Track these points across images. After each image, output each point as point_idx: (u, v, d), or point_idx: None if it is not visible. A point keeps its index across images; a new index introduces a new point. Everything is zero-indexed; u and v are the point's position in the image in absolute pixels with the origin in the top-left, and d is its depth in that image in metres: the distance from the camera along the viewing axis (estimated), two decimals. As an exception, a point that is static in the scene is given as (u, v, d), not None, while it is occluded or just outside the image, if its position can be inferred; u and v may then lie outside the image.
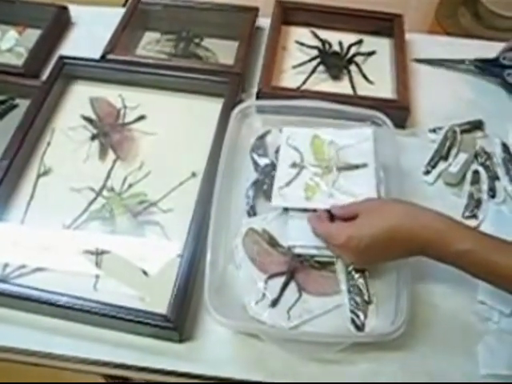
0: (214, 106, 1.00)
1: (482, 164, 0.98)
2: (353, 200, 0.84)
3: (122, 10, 1.19)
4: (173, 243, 0.86)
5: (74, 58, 1.07)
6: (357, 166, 0.90)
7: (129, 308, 0.77)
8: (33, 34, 1.16)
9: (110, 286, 0.82)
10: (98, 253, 0.85)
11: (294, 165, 0.90)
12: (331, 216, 0.82)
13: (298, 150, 0.92)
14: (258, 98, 1.04)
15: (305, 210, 0.85)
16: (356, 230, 0.76)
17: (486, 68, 1.13)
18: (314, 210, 0.85)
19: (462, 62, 1.15)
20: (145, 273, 0.83)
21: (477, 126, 1.04)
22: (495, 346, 0.79)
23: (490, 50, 1.16)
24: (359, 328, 0.78)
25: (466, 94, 1.11)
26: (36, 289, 0.79)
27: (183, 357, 0.78)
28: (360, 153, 0.92)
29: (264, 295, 0.80)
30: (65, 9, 1.21)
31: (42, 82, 1.04)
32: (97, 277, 0.83)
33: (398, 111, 1.01)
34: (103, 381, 1.14)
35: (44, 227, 0.89)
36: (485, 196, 0.94)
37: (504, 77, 1.11)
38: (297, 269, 0.82)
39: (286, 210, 0.87)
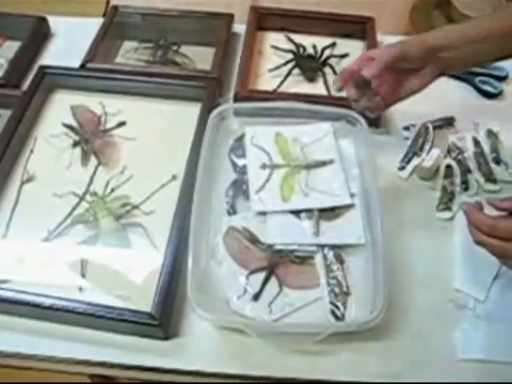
0: (193, 111, 1.03)
1: (455, 158, 1.01)
2: (328, 197, 0.87)
3: (100, 20, 1.21)
4: (156, 244, 0.88)
5: (55, 68, 1.09)
6: (324, 163, 0.93)
7: (114, 307, 0.78)
8: (13, 46, 1.18)
9: (94, 287, 0.83)
10: (83, 260, 0.86)
11: (263, 166, 0.93)
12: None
13: (264, 149, 0.95)
14: (235, 101, 1.06)
15: (282, 207, 0.89)
16: None
17: (458, 75, 1.17)
18: (293, 212, 0.88)
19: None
20: (129, 274, 0.85)
21: (448, 122, 1.07)
22: (471, 332, 0.81)
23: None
24: (339, 319, 0.80)
25: (437, 92, 1.12)
26: (20, 291, 0.80)
27: (169, 353, 0.79)
28: (324, 148, 0.95)
29: (246, 290, 0.82)
30: (44, 20, 1.23)
31: (23, 91, 1.06)
32: (82, 282, 0.84)
33: (371, 110, 1.04)
34: (89, 381, 1.15)
35: (28, 233, 0.90)
36: (458, 189, 0.97)
37: (476, 83, 1.15)
38: (277, 264, 0.84)
39: (264, 207, 0.90)
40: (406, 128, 1.06)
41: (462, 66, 0.91)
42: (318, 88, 1.12)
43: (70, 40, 1.22)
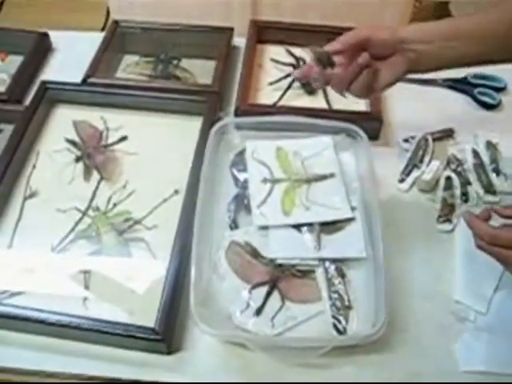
0: (194, 125, 1.04)
1: (454, 170, 1.02)
2: (328, 210, 0.87)
3: (101, 35, 1.22)
4: (158, 258, 0.89)
5: (56, 83, 1.10)
6: (325, 177, 0.94)
7: (117, 323, 0.79)
8: (15, 61, 1.19)
9: (98, 303, 0.84)
10: (86, 273, 0.87)
11: (264, 180, 0.94)
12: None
13: (265, 163, 0.96)
14: (235, 115, 1.07)
15: (284, 221, 0.90)
16: None
17: (457, 86, 1.18)
18: (295, 226, 0.89)
19: (434, 81, 1.19)
20: (132, 289, 0.85)
21: (448, 134, 1.08)
22: (473, 344, 0.82)
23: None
24: (341, 332, 0.80)
25: (436, 104, 1.14)
26: (25, 308, 0.80)
27: (172, 368, 0.80)
28: (324, 162, 0.96)
29: (248, 304, 0.82)
30: (45, 35, 1.24)
31: (26, 106, 1.07)
32: (85, 296, 0.85)
33: (371, 123, 1.05)
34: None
35: (32, 249, 0.91)
36: (458, 201, 0.98)
37: (475, 95, 1.16)
38: (279, 278, 0.85)
39: (266, 221, 0.90)
40: (406, 140, 1.07)
41: (434, 64, 0.88)
42: (318, 101, 1.13)
43: (72, 54, 1.23)
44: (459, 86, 1.18)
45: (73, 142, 1.05)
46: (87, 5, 2.25)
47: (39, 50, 1.22)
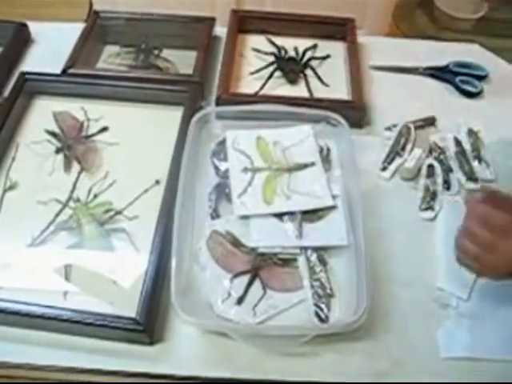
0: (175, 115, 1.03)
1: (436, 158, 1.02)
2: (310, 199, 0.88)
3: (81, 26, 1.20)
4: (139, 249, 0.88)
5: (36, 74, 1.09)
6: (305, 165, 0.94)
7: (98, 313, 0.78)
8: (-7, 52, 1.17)
9: (79, 296, 0.83)
10: (67, 266, 0.86)
11: (245, 169, 0.94)
12: None
13: (245, 153, 0.96)
14: (217, 104, 1.07)
15: (265, 210, 0.89)
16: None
17: (439, 75, 1.18)
18: (276, 214, 0.89)
19: (416, 69, 1.19)
20: (114, 280, 0.85)
21: (430, 122, 1.08)
22: (454, 331, 0.82)
23: (445, 50, 1.23)
24: (323, 320, 0.80)
25: (418, 93, 1.15)
26: (4, 300, 0.79)
27: (154, 358, 0.79)
28: (305, 151, 0.96)
29: (230, 294, 0.82)
30: (24, 26, 1.23)
31: (4, 98, 1.06)
32: (66, 289, 0.84)
33: (353, 111, 1.05)
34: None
35: (12, 242, 0.90)
36: (440, 188, 0.98)
37: (456, 83, 1.16)
38: (261, 267, 0.85)
39: (247, 210, 0.90)
40: (388, 128, 1.07)
41: None
42: (299, 90, 1.12)
43: (51, 45, 1.21)
44: (441, 74, 1.18)
45: (53, 134, 1.03)
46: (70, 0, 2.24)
47: (18, 40, 1.20)
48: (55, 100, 1.09)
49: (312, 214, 0.89)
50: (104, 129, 1.04)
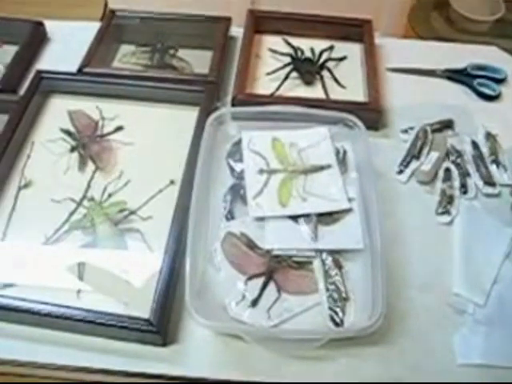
0: (190, 115, 1.02)
1: (453, 162, 1.01)
2: (326, 202, 0.87)
3: (97, 25, 1.20)
4: (153, 249, 0.87)
5: (51, 72, 1.09)
6: (322, 168, 0.93)
7: (112, 314, 0.78)
8: (10, 50, 1.17)
9: (92, 295, 0.83)
10: (80, 265, 0.86)
11: (261, 171, 0.93)
12: None
13: (261, 154, 0.95)
14: (233, 105, 1.06)
15: (280, 212, 0.89)
16: None
17: (457, 77, 1.17)
18: (291, 217, 0.88)
19: (433, 71, 1.18)
20: (127, 280, 0.84)
21: (447, 125, 1.07)
22: (471, 337, 0.81)
23: (462, 52, 1.22)
24: (338, 324, 0.80)
25: (436, 95, 1.14)
26: (17, 298, 0.79)
27: (167, 360, 0.79)
28: (321, 153, 0.95)
29: (244, 296, 0.82)
30: (41, 24, 1.23)
31: (20, 96, 1.06)
32: (79, 288, 0.84)
33: (369, 113, 1.04)
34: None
35: (26, 240, 0.90)
36: (457, 192, 0.97)
37: (474, 86, 1.15)
38: (275, 269, 0.84)
39: (262, 212, 0.90)
40: (405, 131, 1.06)
41: None
42: (316, 91, 1.11)
43: (67, 44, 1.22)
44: (459, 76, 1.17)
45: (68, 132, 1.03)
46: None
47: (34, 39, 1.21)
48: (70, 99, 1.09)
49: (328, 217, 0.88)
50: (119, 128, 1.04)
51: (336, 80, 1.13)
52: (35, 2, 2.22)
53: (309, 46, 1.19)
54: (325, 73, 1.14)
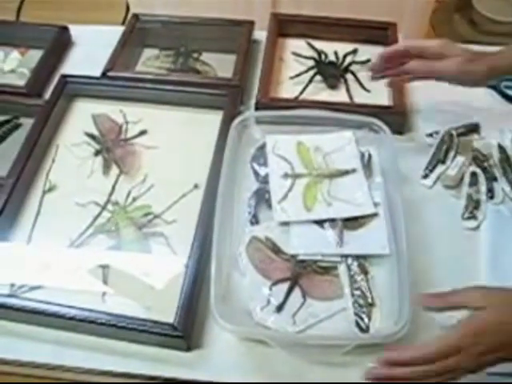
0: (214, 119, 1.02)
1: (480, 166, 0.99)
2: (351, 206, 0.86)
3: (120, 29, 1.21)
4: (178, 253, 0.88)
5: (76, 77, 1.10)
6: (347, 172, 0.93)
7: (136, 318, 0.78)
8: (35, 55, 1.19)
9: (117, 299, 0.83)
10: (105, 268, 0.87)
11: (285, 175, 0.93)
12: None
13: (286, 159, 0.95)
14: (256, 109, 1.06)
15: (305, 217, 0.88)
16: None
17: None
18: (317, 221, 0.88)
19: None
20: (151, 284, 0.84)
21: (473, 129, 1.05)
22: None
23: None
24: (364, 330, 0.79)
25: (461, 98, 1.12)
26: (44, 302, 0.80)
27: (191, 365, 0.79)
28: (346, 157, 0.95)
29: (269, 301, 0.81)
30: (65, 29, 1.24)
31: (45, 100, 1.07)
32: (104, 291, 0.84)
33: (394, 117, 1.03)
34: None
35: (50, 243, 0.90)
36: (483, 197, 0.95)
37: (500, 88, 1.13)
38: (300, 274, 0.84)
39: (287, 217, 0.89)
40: (430, 135, 1.04)
41: None
42: (340, 95, 1.11)
43: (91, 48, 1.22)
44: (485, 79, 1.15)
45: (92, 136, 1.04)
46: (107, 3, 2.26)
47: (59, 43, 1.22)
48: (94, 102, 1.10)
49: (353, 222, 0.87)
50: (143, 132, 1.05)
51: (360, 83, 1.12)
52: (56, 6, 2.24)
53: (332, 49, 1.19)
54: (349, 76, 1.14)
